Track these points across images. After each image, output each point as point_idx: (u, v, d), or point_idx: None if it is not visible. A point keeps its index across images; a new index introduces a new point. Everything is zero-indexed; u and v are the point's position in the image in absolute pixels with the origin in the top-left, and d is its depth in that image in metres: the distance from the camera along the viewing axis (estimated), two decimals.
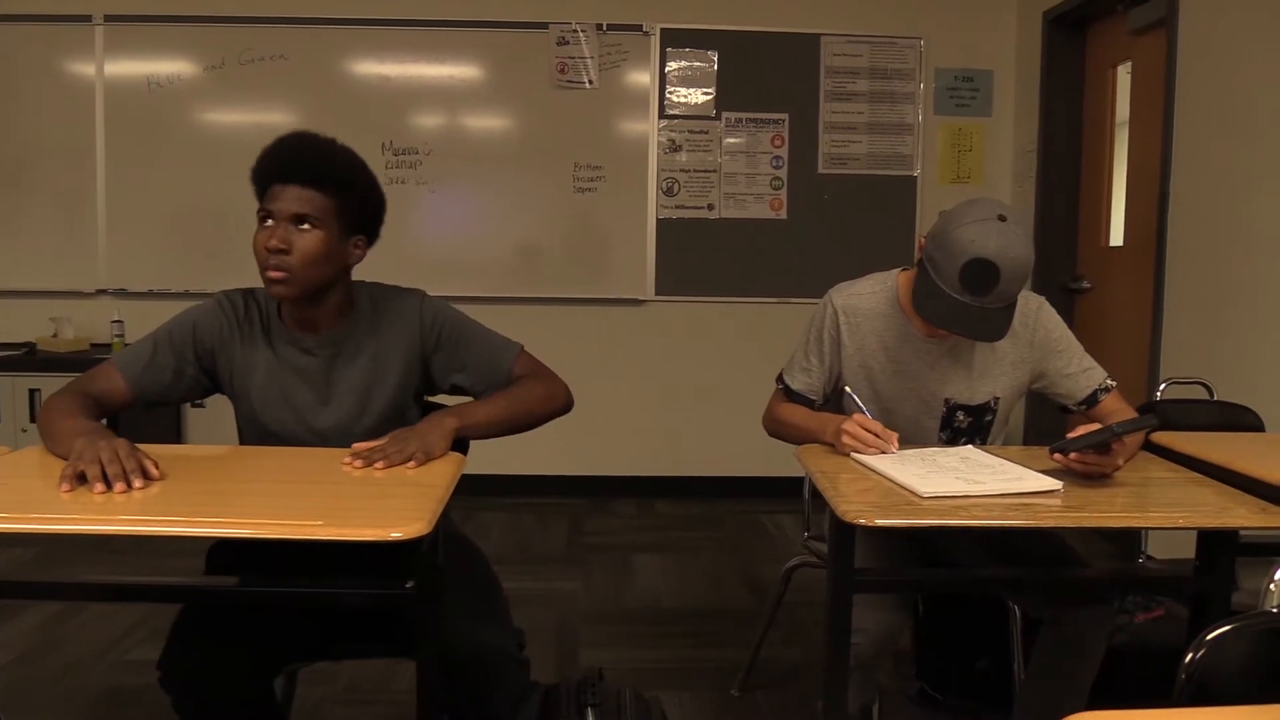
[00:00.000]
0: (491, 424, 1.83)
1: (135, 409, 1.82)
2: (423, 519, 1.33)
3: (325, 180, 1.77)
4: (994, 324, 1.83)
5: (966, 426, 2.05)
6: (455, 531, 1.96)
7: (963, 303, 1.80)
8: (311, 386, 1.85)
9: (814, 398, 2.09)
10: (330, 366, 1.85)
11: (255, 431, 1.87)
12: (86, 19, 4.42)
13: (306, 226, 1.76)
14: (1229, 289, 3.19)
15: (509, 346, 1.95)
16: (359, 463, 1.61)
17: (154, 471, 1.48)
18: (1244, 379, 3.03)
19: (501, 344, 1.95)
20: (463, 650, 1.66)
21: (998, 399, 2.04)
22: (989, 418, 2.06)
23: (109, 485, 1.42)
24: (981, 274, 1.78)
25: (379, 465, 1.60)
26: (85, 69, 4.45)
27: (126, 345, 1.83)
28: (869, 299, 2.06)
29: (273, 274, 1.74)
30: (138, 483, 1.44)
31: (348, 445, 1.71)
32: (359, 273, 1.90)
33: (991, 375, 2.03)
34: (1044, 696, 1.96)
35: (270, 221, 1.77)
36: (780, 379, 2.15)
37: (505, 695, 1.73)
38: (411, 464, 1.62)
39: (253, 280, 1.84)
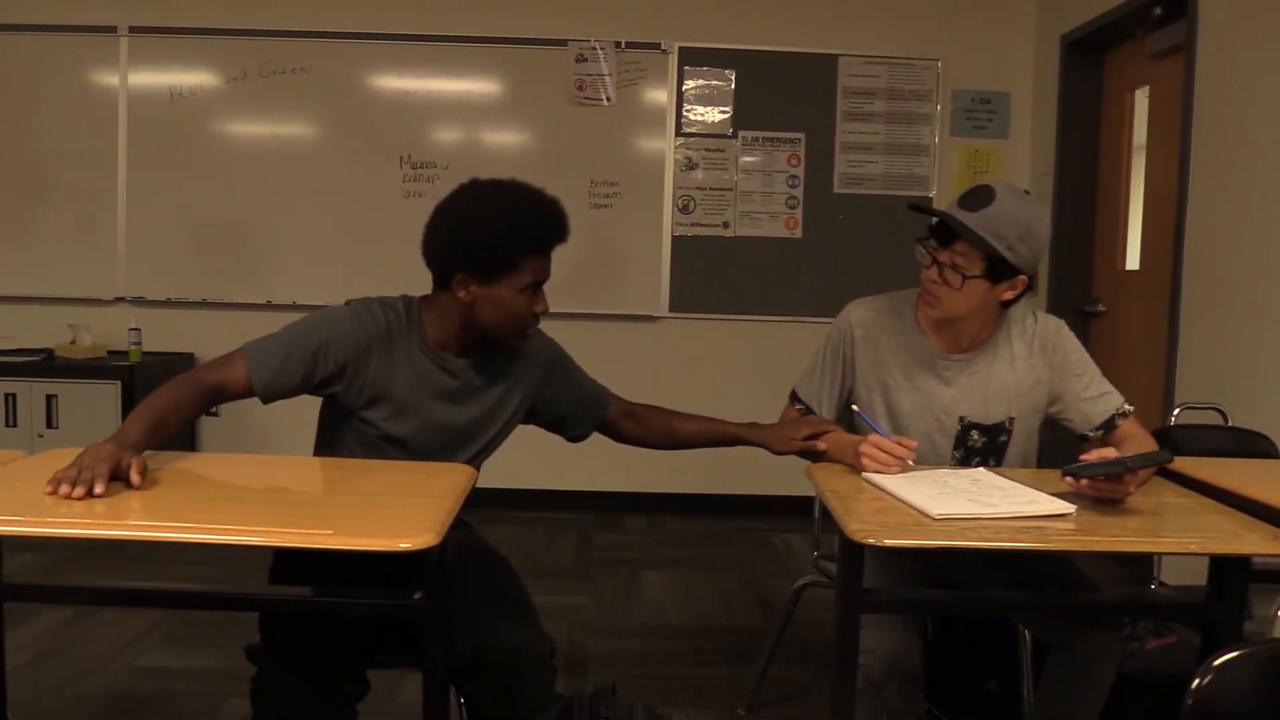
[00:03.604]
0: None
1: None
2: (432, 530, 1.34)
3: None
4: (961, 230, 1.85)
5: (980, 446, 2.05)
6: (481, 540, 1.99)
7: (944, 211, 1.88)
8: (447, 404, 1.89)
9: (824, 414, 2.10)
10: (467, 387, 1.91)
11: (373, 441, 1.87)
12: (111, 30, 4.47)
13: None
14: (1245, 314, 3.17)
15: (603, 389, 2.18)
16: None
17: (99, 488, 1.44)
18: (1259, 405, 3.01)
19: (597, 384, 2.17)
20: (496, 652, 1.70)
21: (1013, 419, 2.04)
22: (1004, 438, 2.05)
23: (82, 489, 1.44)
24: (979, 192, 1.86)
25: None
26: (109, 79, 4.50)
27: (253, 341, 1.82)
28: (888, 315, 2.07)
29: (530, 331, 1.91)
30: (99, 488, 1.43)
31: (470, 459, 1.90)
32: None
33: (1008, 396, 2.02)
34: None
35: (536, 290, 1.86)
36: (793, 394, 2.17)
37: (534, 699, 1.75)
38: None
39: (271, 290, 1.86)
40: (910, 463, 1.83)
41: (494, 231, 1.77)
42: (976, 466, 1.99)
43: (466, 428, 1.92)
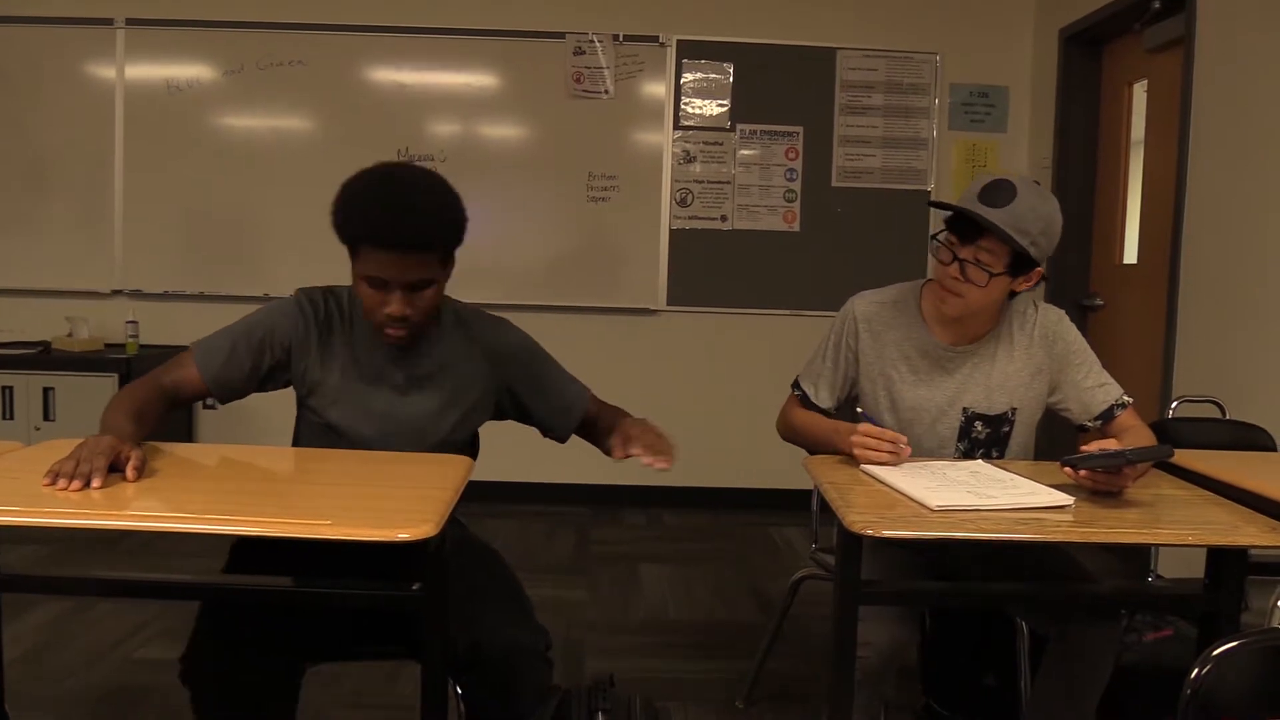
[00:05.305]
0: None
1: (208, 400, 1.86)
2: (430, 521, 1.34)
3: (432, 240, 1.71)
4: (992, 229, 1.84)
5: (984, 438, 2.05)
6: (472, 536, 1.97)
7: (970, 208, 1.86)
8: (387, 393, 1.86)
9: (825, 405, 2.10)
10: (410, 376, 1.87)
11: (319, 430, 1.87)
12: (108, 22, 4.46)
13: (421, 288, 1.73)
14: (1242, 308, 3.17)
15: (582, 387, 2.02)
16: (660, 460, 1.75)
17: (96, 482, 1.44)
18: (1256, 398, 3.01)
19: (576, 385, 2.02)
20: (493, 647, 1.68)
21: (1015, 410, 2.04)
22: (1006, 429, 2.05)
23: (79, 482, 1.44)
24: (999, 188, 1.85)
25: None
26: (106, 72, 4.49)
27: (202, 338, 1.86)
28: (891, 307, 2.07)
29: (392, 332, 1.76)
30: (96, 481, 1.43)
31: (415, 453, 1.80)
32: None
33: (1010, 386, 2.03)
34: (1050, 714, 1.95)
35: (381, 286, 1.72)
36: (795, 384, 2.16)
37: (531, 693, 1.75)
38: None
39: (268, 284, 1.86)
40: (905, 449, 1.82)
41: (337, 208, 1.72)
42: (979, 458, 1.99)
43: (415, 420, 1.86)
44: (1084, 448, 1.68)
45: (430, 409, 1.88)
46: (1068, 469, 1.67)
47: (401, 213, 1.67)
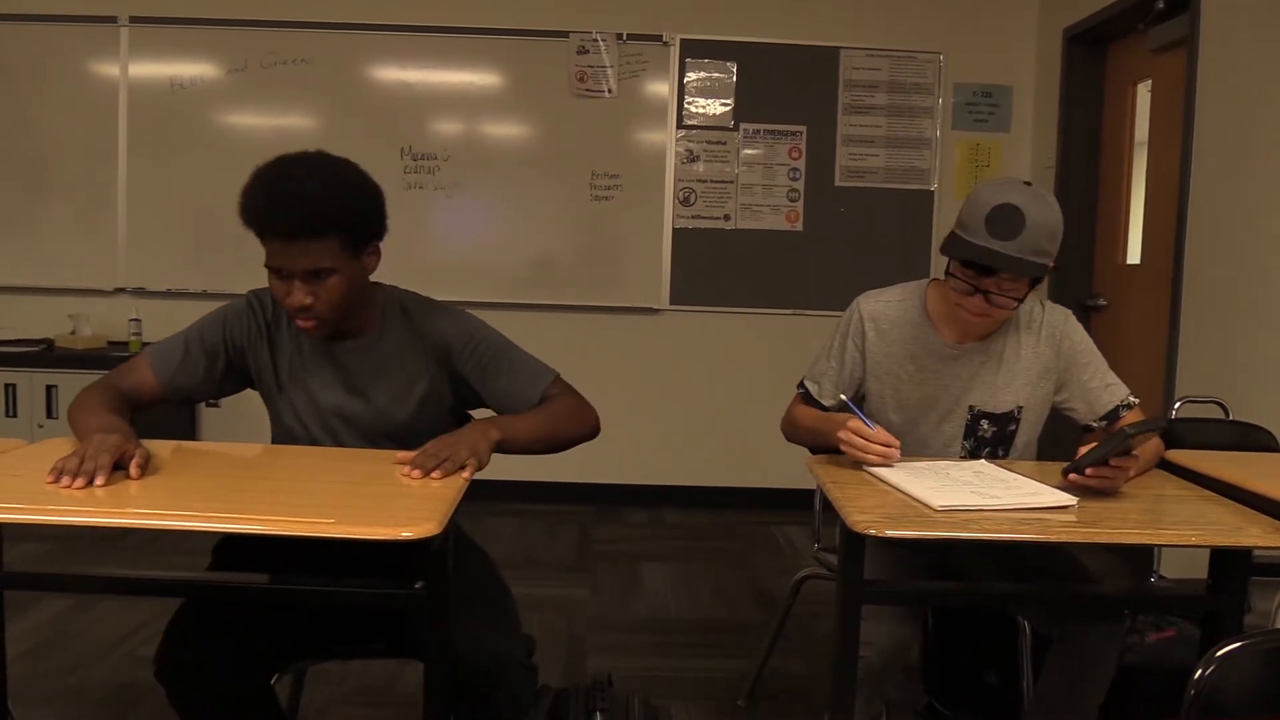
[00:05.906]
0: (530, 440, 1.79)
1: (166, 404, 1.85)
2: (434, 519, 1.34)
3: (322, 227, 1.67)
4: (1013, 267, 1.81)
5: (990, 436, 2.04)
6: (464, 537, 1.96)
7: (988, 249, 1.82)
8: (335, 391, 1.85)
9: (827, 403, 2.10)
10: (356, 373, 1.85)
11: (279, 429, 1.89)
12: (112, 20, 4.46)
13: (323, 276, 1.70)
14: (1246, 309, 3.17)
15: (543, 373, 1.89)
16: (416, 473, 1.56)
17: (100, 480, 1.44)
18: (1260, 399, 3.01)
19: (536, 370, 1.89)
20: (472, 657, 1.65)
21: (1021, 408, 2.04)
22: (1012, 427, 2.05)
23: (83, 480, 1.44)
24: (1007, 217, 1.81)
25: (435, 475, 1.55)
26: (109, 70, 4.49)
27: (155, 342, 1.85)
28: (897, 307, 2.06)
29: (302, 323, 1.74)
30: (100, 479, 1.44)
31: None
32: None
33: (1016, 385, 2.03)
34: (1053, 714, 1.95)
35: (282, 275, 1.71)
36: (801, 383, 2.16)
37: (513, 702, 1.73)
38: (465, 473, 1.58)
39: (268, 280, 1.85)
40: (895, 454, 1.80)
41: (239, 199, 1.72)
42: (985, 457, 1.99)
43: (361, 415, 1.85)
44: (1080, 455, 1.67)
45: (376, 405, 1.86)
46: (1073, 476, 1.66)
47: (285, 200, 1.67)
